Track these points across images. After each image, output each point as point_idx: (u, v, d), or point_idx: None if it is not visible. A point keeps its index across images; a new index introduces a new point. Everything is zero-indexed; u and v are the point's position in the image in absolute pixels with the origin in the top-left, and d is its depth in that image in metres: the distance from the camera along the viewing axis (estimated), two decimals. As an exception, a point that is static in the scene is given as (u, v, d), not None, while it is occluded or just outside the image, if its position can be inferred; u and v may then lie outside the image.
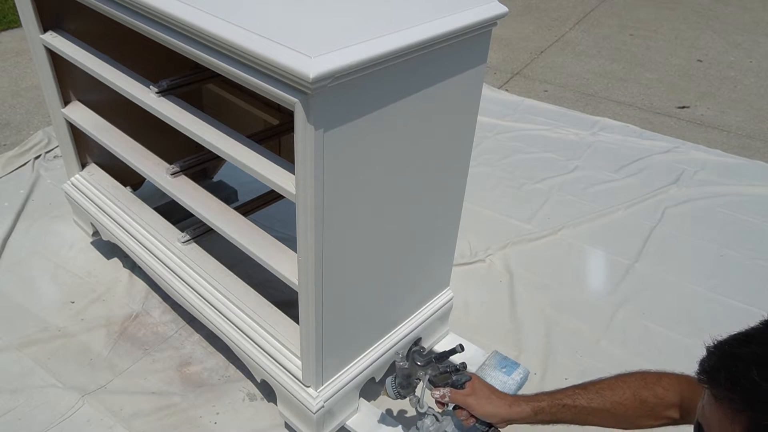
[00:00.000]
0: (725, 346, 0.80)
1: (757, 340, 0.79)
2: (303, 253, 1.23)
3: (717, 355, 0.81)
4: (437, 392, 1.24)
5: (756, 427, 0.75)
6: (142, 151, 1.78)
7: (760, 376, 0.74)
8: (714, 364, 0.81)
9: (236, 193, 2.36)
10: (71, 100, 1.90)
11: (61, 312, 1.98)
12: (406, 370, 1.29)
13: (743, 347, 0.78)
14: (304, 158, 1.10)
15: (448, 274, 1.75)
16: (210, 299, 1.64)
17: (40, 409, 1.68)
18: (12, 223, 2.31)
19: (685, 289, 2.20)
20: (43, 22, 1.73)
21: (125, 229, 1.87)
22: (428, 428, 1.27)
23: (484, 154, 2.94)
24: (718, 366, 0.79)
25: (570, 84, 3.80)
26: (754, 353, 0.77)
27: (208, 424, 1.68)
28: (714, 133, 3.30)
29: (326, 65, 1.00)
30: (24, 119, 3.03)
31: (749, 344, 0.78)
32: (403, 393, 1.30)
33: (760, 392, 0.74)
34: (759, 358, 0.76)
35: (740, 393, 0.76)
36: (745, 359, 0.77)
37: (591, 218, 2.54)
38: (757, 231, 2.52)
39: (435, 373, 1.26)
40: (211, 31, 1.13)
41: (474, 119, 1.48)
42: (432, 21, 1.18)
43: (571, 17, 4.90)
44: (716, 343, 0.82)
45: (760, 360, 0.76)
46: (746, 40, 4.56)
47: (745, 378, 0.75)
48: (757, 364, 0.75)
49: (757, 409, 0.75)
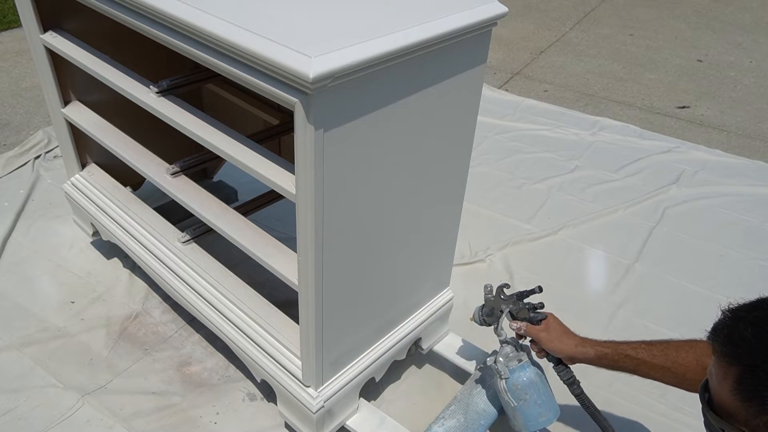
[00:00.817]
0: (735, 310, 0.88)
1: (764, 306, 0.85)
2: (303, 253, 1.23)
3: (726, 315, 0.88)
4: (515, 324, 1.43)
5: (742, 380, 0.82)
6: (142, 151, 1.78)
7: (753, 335, 0.81)
8: (721, 323, 0.88)
9: (236, 193, 2.36)
10: (71, 100, 1.90)
11: (61, 312, 1.98)
12: (492, 302, 1.51)
13: (750, 312, 0.85)
14: (304, 158, 1.10)
15: (448, 274, 1.75)
16: (210, 299, 1.64)
17: (40, 409, 1.68)
18: (12, 223, 2.31)
19: (685, 289, 2.20)
20: (43, 22, 1.73)
21: (125, 229, 1.87)
22: (507, 354, 1.46)
23: (484, 154, 2.94)
24: (723, 325, 0.87)
25: (570, 84, 3.80)
26: (756, 317, 0.83)
27: (208, 424, 1.68)
28: (714, 133, 3.30)
29: (326, 65, 1.00)
30: (24, 119, 3.03)
31: (756, 309, 0.85)
32: (488, 321, 1.52)
33: (748, 347, 0.81)
34: (758, 321, 0.83)
35: (732, 348, 0.83)
36: (746, 321, 0.84)
37: (591, 218, 2.54)
38: (757, 231, 2.52)
39: (515, 308, 1.46)
40: (211, 31, 1.13)
41: (474, 119, 1.48)
42: (432, 21, 1.18)
43: (571, 17, 4.90)
44: (729, 307, 0.89)
45: (758, 322, 0.82)
46: (746, 40, 4.56)
47: (739, 336, 0.83)
48: (753, 325, 0.82)
49: (744, 364, 0.82)
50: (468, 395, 1.61)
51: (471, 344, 1.82)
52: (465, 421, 1.55)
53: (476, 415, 1.56)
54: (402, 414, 1.71)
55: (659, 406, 1.75)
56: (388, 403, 1.76)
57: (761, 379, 0.79)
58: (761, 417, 0.80)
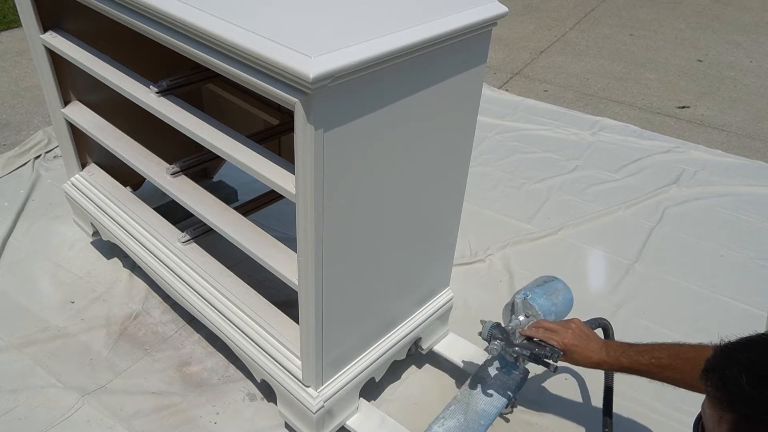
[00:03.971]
0: (727, 348, 0.84)
1: (757, 347, 0.81)
2: (303, 253, 1.23)
3: (718, 355, 0.84)
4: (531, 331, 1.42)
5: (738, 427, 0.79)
6: (142, 151, 1.78)
7: (748, 382, 0.77)
8: (712, 364, 0.84)
9: (236, 193, 2.36)
10: (71, 100, 1.90)
11: (61, 312, 1.98)
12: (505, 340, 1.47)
13: (742, 352, 0.81)
14: (304, 158, 1.10)
15: (448, 274, 1.75)
16: (210, 299, 1.64)
17: (40, 409, 1.68)
18: (12, 223, 2.31)
19: (685, 289, 2.20)
20: (43, 22, 1.73)
21: (125, 229, 1.87)
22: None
23: (484, 154, 2.94)
24: (715, 366, 0.83)
25: (570, 84, 3.80)
26: (749, 359, 0.80)
27: (208, 424, 1.68)
28: (714, 133, 3.30)
29: (326, 65, 1.00)
30: (24, 119, 3.03)
31: (749, 350, 0.81)
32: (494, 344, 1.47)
33: (744, 396, 0.78)
34: (751, 365, 0.79)
35: (727, 395, 0.80)
36: (739, 364, 0.80)
37: (591, 218, 2.54)
38: (757, 231, 2.52)
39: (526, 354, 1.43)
40: (211, 31, 1.13)
41: (474, 119, 1.48)
42: (432, 21, 1.18)
43: (571, 17, 4.90)
44: (722, 345, 0.85)
45: (752, 367, 0.79)
46: (746, 40, 4.56)
47: (733, 382, 0.79)
48: (747, 371, 0.78)
49: (738, 412, 0.79)
50: (468, 395, 1.61)
51: (471, 344, 1.82)
52: (465, 421, 1.55)
53: (476, 415, 1.57)
54: (402, 414, 1.71)
55: (659, 406, 1.75)
56: (388, 403, 1.76)
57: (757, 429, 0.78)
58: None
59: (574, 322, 1.40)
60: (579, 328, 1.39)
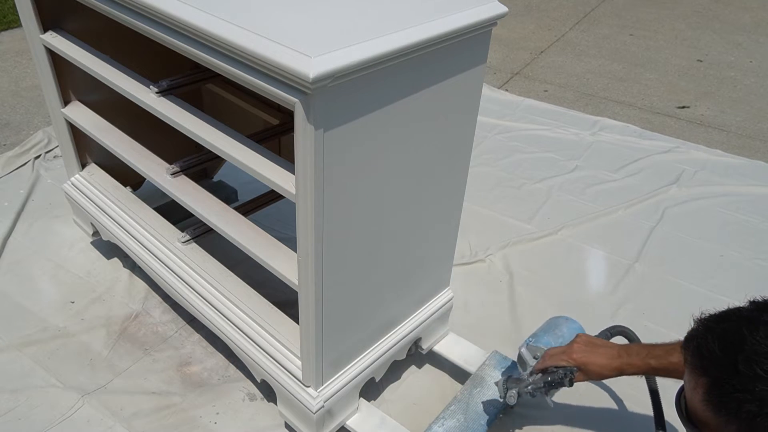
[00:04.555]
0: (706, 320, 0.91)
1: (732, 318, 0.88)
2: (303, 253, 1.23)
3: (697, 326, 0.91)
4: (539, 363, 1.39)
5: (711, 391, 0.85)
6: (142, 151, 1.78)
7: (720, 348, 0.84)
8: (691, 333, 0.91)
9: (236, 193, 2.36)
10: (71, 100, 1.90)
11: (61, 312, 1.98)
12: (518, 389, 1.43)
13: (719, 323, 0.88)
14: (304, 158, 1.10)
15: (448, 274, 1.75)
16: (210, 299, 1.64)
17: (40, 409, 1.68)
18: (12, 223, 2.31)
19: (685, 289, 2.20)
20: (43, 22, 1.72)
21: (125, 229, 1.87)
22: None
23: (484, 154, 2.94)
24: (694, 335, 0.90)
25: (570, 84, 3.80)
26: (723, 329, 0.86)
27: (208, 424, 1.68)
28: (714, 133, 3.30)
29: (326, 65, 1.00)
30: (24, 119, 3.03)
31: (724, 321, 0.88)
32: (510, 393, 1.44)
33: (715, 361, 0.84)
34: (725, 334, 0.85)
35: (702, 360, 0.87)
36: (714, 333, 0.86)
37: (591, 218, 2.54)
38: (757, 231, 2.52)
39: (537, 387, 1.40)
40: (211, 31, 1.13)
41: (474, 119, 1.48)
42: (432, 21, 1.18)
43: (571, 17, 4.90)
44: (701, 317, 0.92)
45: (725, 335, 0.85)
46: (746, 40, 4.56)
47: (708, 348, 0.86)
48: (721, 338, 0.85)
49: (711, 376, 0.85)
50: (468, 395, 1.61)
51: (471, 344, 1.82)
52: (465, 421, 1.55)
53: (476, 415, 1.57)
54: (402, 414, 1.71)
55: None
56: (388, 403, 1.76)
57: (728, 392, 0.82)
58: (730, 426, 0.83)
59: (579, 336, 1.36)
60: (584, 340, 1.35)
